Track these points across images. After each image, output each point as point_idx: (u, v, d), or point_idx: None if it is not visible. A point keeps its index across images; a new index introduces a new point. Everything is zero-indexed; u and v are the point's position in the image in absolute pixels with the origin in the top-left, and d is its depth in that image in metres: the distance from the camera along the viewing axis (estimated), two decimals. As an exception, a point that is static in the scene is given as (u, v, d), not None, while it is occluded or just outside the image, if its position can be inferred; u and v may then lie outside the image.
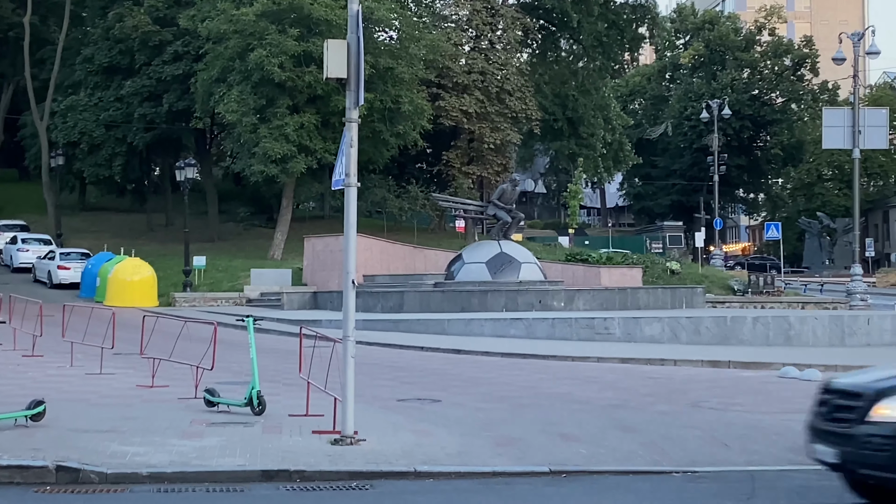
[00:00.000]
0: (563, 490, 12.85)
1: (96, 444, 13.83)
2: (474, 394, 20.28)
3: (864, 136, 41.17)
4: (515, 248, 39.31)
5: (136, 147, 59.70)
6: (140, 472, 12.67)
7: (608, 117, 69.64)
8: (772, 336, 31.54)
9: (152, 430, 15.15)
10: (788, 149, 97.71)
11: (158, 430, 15.16)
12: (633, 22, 68.12)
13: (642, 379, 23.43)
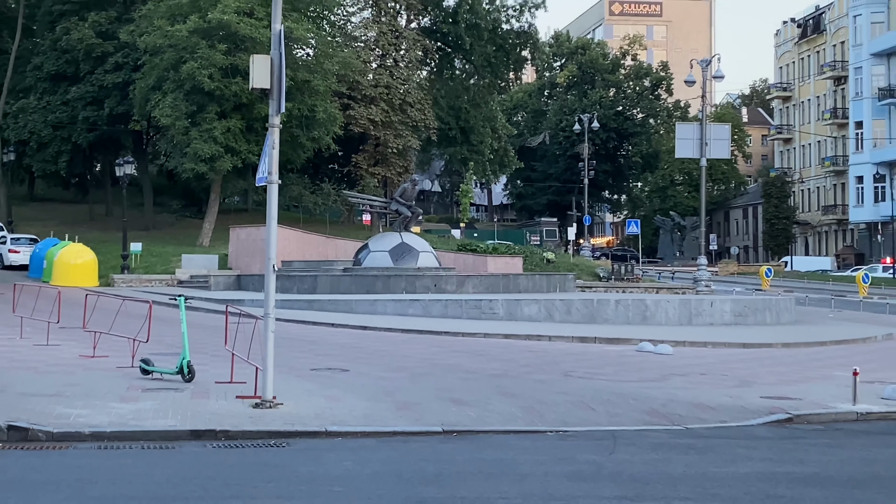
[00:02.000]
0: (453, 446, 12.96)
1: (43, 407, 13.74)
2: (378, 364, 20.33)
3: (710, 148, 41.92)
4: (414, 239, 39.44)
5: (79, 145, 59.35)
6: (82, 431, 12.66)
7: (495, 127, 70.08)
8: (631, 316, 32.00)
9: (93, 394, 15.06)
10: (647, 157, 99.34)
11: (99, 394, 15.08)
12: (517, 46, 68.58)
13: (522, 352, 23.64)
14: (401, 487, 10.68)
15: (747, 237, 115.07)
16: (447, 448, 12.86)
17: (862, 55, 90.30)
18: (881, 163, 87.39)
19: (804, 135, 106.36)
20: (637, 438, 13.77)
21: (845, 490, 11.08)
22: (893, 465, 12.74)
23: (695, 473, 11.84)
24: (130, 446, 12.31)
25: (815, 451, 13.51)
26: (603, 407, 16.03)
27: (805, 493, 10.91)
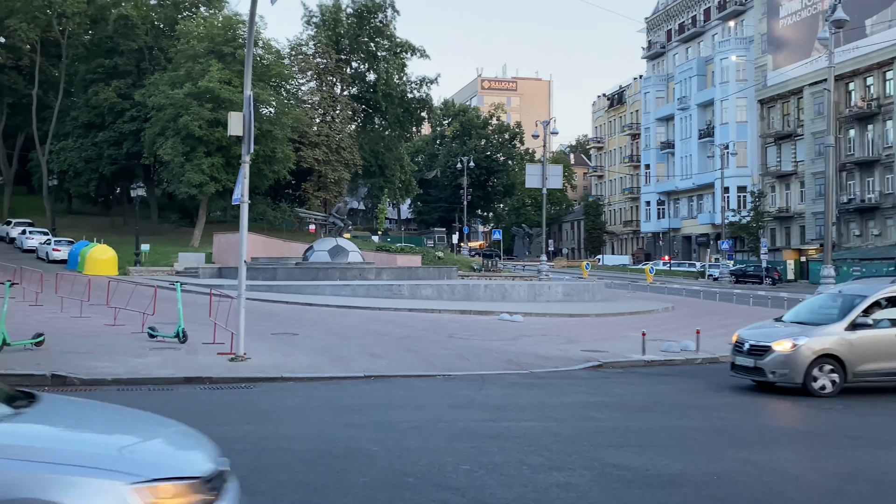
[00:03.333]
0: (372, 387, 13.06)
1: (78, 361, 13.46)
2: (319, 330, 20.26)
3: (549, 181, 42.47)
4: (346, 243, 39.26)
5: (104, 175, 58.11)
6: (106, 378, 12.50)
7: (402, 165, 70.25)
8: (495, 295, 32.35)
9: (114, 352, 14.78)
10: (507, 187, 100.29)
11: (118, 352, 14.80)
12: (418, 109, 68.97)
13: (420, 321, 23.75)
14: (335, 414, 10.73)
15: (573, 242, 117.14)
16: (367, 388, 12.97)
17: (649, 120, 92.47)
18: (661, 192, 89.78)
19: (611, 173, 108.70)
20: (498, 379, 13.97)
21: (636, 412, 11.41)
22: (668, 395, 13.13)
23: (536, 403, 12.07)
24: (140, 388, 12.17)
25: (617, 386, 13.85)
26: (475, 358, 16.23)
27: (610, 414, 11.20)
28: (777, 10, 73.03)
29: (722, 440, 9.67)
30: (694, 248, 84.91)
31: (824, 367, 12.70)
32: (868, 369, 12.80)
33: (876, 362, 12.79)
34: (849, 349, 12.71)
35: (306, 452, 8.37)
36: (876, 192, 62.67)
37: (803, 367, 12.63)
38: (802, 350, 12.70)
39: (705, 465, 8.21)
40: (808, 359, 12.64)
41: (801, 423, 11.05)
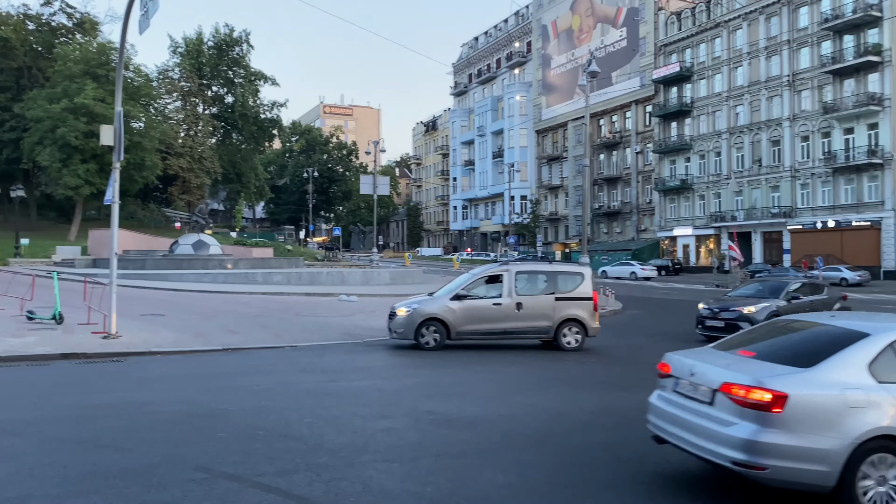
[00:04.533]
0: (229, 358, 12.46)
1: (-43, 343, 11.93)
2: (184, 311, 19.14)
3: (379, 189, 42.42)
4: (208, 238, 37.27)
5: (-13, 178, 52.17)
6: (-14, 357, 11.14)
7: (257, 173, 67.71)
8: (335, 280, 31.91)
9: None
10: (345, 193, 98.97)
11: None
12: (269, 127, 66.74)
13: (272, 302, 23.04)
14: (197, 381, 10.17)
15: (399, 237, 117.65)
16: (226, 359, 12.36)
17: (456, 143, 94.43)
18: (465, 199, 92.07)
19: (427, 183, 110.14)
20: (336, 348, 13.78)
21: (444, 368, 11.54)
22: (467, 354, 13.38)
23: (367, 366, 12.01)
24: (19, 365, 11.01)
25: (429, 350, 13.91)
26: (318, 331, 15.93)
27: (422, 371, 11.31)
28: (549, 62, 76.69)
29: (508, 388, 10.03)
30: (489, 242, 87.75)
31: (430, 328, 13.46)
32: (466, 330, 13.55)
33: (471, 324, 13.56)
34: (452, 314, 13.48)
35: (171, 414, 7.90)
36: (618, 200, 67.49)
37: (414, 327, 13.40)
38: (413, 315, 13.48)
39: (496, 408, 8.49)
40: (417, 321, 13.41)
41: (565, 374, 11.59)
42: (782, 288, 15.98)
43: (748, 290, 16.89)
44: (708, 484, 5.81)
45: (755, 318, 14.52)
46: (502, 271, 13.98)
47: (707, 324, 15.58)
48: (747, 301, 15.56)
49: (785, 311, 14.59)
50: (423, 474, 5.85)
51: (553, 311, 13.79)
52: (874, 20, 44.58)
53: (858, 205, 46.00)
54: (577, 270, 14.59)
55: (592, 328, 14.09)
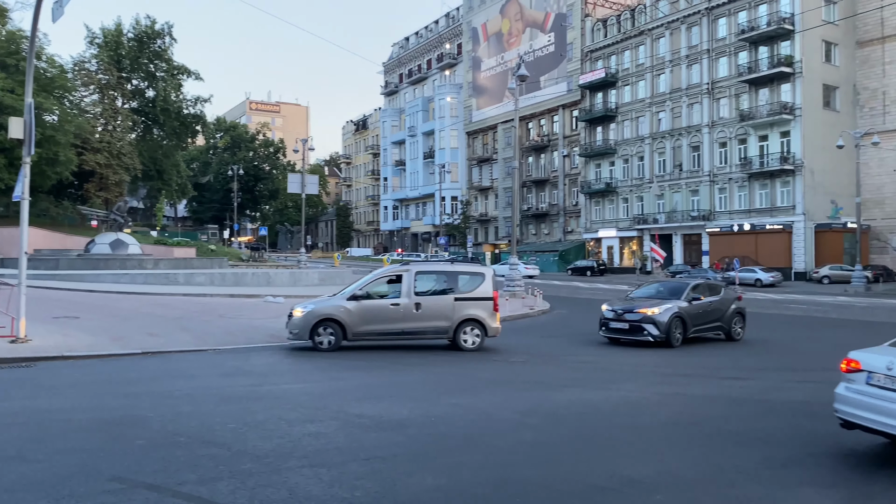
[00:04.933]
0: (149, 362, 11.96)
1: None
2: (100, 313, 18.29)
3: (307, 188, 41.80)
4: (126, 237, 35.83)
5: None
6: None
7: (179, 170, 65.41)
8: (261, 281, 31.23)
9: None
10: (272, 192, 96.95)
11: None
12: (193, 123, 64.54)
13: (195, 304, 22.31)
14: (113, 386, 9.72)
15: (328, 237, 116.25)
16: (145, 363, 11.86)
17: (387, 143, 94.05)
18: (396, 199, 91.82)
19: (358, 183, 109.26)
20: (262, 351, 13.47)
21: (375, 371, 11.46)
22: (396, 356, 13.29)
23: (294, 369, 11.78)
24: (-85, 372, 10.23)
25: (356, 352, 13.76)
26: (243, 334, 15.52)
27: (354, 374, 11.15)
28: (479, 64, 77.35)
29: (438, 389, 10.00)
30: (420, 243, 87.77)
31: (326, 329, 13.32)
32: (363, 330, 13.45)
33: (368, 325, 13.45)
34: (347, 315, 13.37)
35: (85, 422, 7.50)
36: (546, 202, 68.66)
37: (308, 328, 13.24)
38: (308, 316, 13.33)
39: (426, 410, 8.45)
40: (312, 322, 13.26)
41: (494, 374, 11.65)
42: (683, 289, 15.86)
43: (649, 291, 16.69)
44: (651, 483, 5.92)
45: (659, 319, 14.65)
46: (402, 272, 13.94)
47: (611, 326, 15.38)
48: (650, 302, 15.38)
49: (686, 311, 15.07)
50: (352, 479, 5.75)
51: (452, 312, 13.77)
52: (787, 33, 46.91)
53: (772, 209, 48.29)
54: (478, 271, 14.62)
55: (492, 328, 14.06)
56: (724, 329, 16.19)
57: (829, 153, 44.90)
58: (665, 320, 14.62)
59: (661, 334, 14.58)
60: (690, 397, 9.69)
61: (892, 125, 46.87)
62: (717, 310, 16.00)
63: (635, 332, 14.85)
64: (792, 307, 27.50)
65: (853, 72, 48.83)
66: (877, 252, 46.51)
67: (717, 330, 16.11)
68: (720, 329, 16.14)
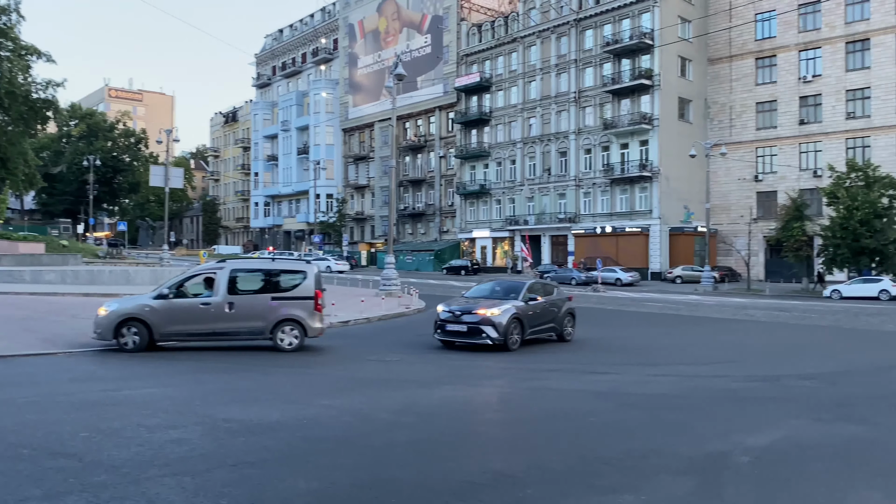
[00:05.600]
0: (-14, 367, 10.86)
1: None
2: (-72, 314, 16.45)
3: (171, 181, 39.75)
4: (-38, 230, 32.67)
5: None
6: None
7: (26, 159, 59.79)
8: (119, 279, 29.22)
9: None
10: (132, 185, 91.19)
11: None
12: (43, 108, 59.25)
13: (43, 304, 20.58)
14: (-57, 396, 8.72)
15: (193, 234, 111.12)
16: (-18, 367, 10.74)
17: (258, 136, 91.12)
18: (268, 195, 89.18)
19: (226, 177, 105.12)
20: (120, 354, 12.58)
21: (243, 372, 11.03)
22: (257, 356, 12.91)
23: (155, 372, 11.10)
24: None
25: (226, 352, 13.21)
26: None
27: (220, 376, 10.68)
28: (356, 61, 76.73)
29: (311, 391, 9.78)
30: (293, 241, 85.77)
31: (130, 329, 12.74)
32: (171, 331, 12.94)
33: (177, 325, 12.93)
34: (152, 314, 12.79)
35: None
36: (422, 202, 69.25)
37: (111, 327, 12.70)
38: (111, 315, 12.78)
39: (297, 412, 8.22)
40: (115, 321, 12.69)
41: (368, 374, 11.56)
42: (520, 288, 15.13)
43: (484, 291, 15.75)
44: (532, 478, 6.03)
45: (498, 321, 13.90)
46: (217, 269, 13.45)
47: (448, 328, 14.36)
48: (488, 303, 14.53)
49: (523, 312, 14.44)
50: (218, 486, 5.47)
51: (269, 312, 13.23)
52: (647, 47, 49.97)
53: (631, 213, 51.29)
54: (300, 269, 13.91)
55: (313, 329, 13.48)
56: (557, 330, 15.76)
57: (682, 162, 48.31)
58: (504, 322, 13.93)
59: (500, 336, 13.86)
60: (559, 392, 10.05)
61: (737, 137, 51.16)
62: (551, 310, 15.58)
63: (473, 334, 14.02)
64: (648, 304, 29.32)
65: (705, 87, 52.81)
66: (723, 254, 50.58)
67: (551, 331, 15.64)
68: (553, 330, 15.68)
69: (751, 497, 5.53)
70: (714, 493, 5.59)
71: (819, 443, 7.29)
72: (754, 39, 50.75)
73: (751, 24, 50.60)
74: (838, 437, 7.55)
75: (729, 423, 8.09)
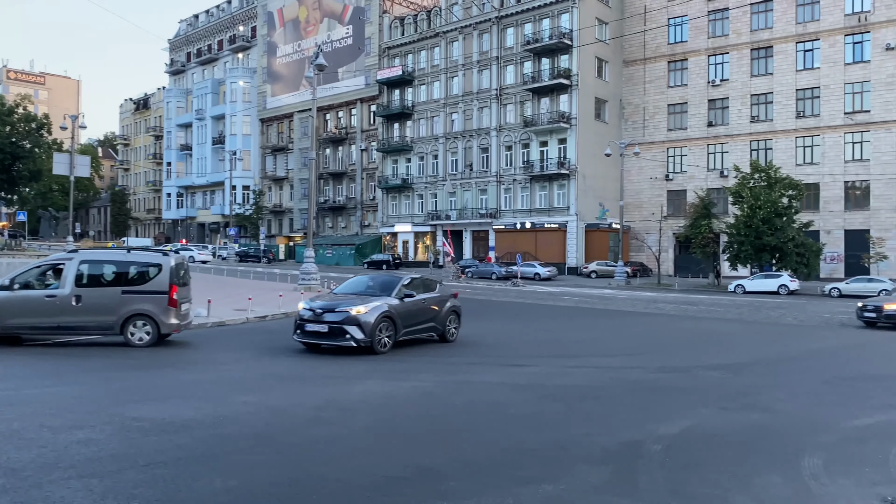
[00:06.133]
0: None
1: None
2: None
3: (77, 170, 37.75)
4: None
5: None
6: None
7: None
8: (18, 273, 27.50)
9: None
10: (33, 173, 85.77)
11: None
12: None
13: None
14: None
15: (100, 225, 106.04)
16: None
17: (171, 125, 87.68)
18: (181, 186, 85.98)
19: (137, 167, 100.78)
20: (23, 352, 11.85)
21: (157, 370, 10.61)
22: (186, 354, 12.46)
23: (56, 370, 10.53)
24: None
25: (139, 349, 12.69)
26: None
27: (132, 374, 10.26)
28: (275, 50, 75.02)
29: (227, 387, 9.52)
30: (207, 233, 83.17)
31: None
32: (13, 324, 12.51)
33: (18, 318, 12.46)
34: None
35: None
36: (343, 195, 68.49)
37: None
38: None
39: (213, 410, 7.98)
40: None
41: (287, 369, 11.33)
42: (395, 284, 13.72)
43: (357, 286, 14.22)
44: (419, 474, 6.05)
45: (365, 319, 12.41)
46: (66, 260, 12.99)
47: (308, 328, 12.72)
48: (357, 300, 12.98)
49: (397, 311, 13.04)
50: (129, 487, 5.24)
51: (118, 306, 12.71)
52: (566, 47, 51.07)
53: (550, 209, 52.39)
54: (155, 262, 13.19)
55: (166, 324, 12.93)
56: (439, 330, 14.44)
57: (598, 160, 49.68)
58: (372, 321, 12.42)
59: (367, 338, 12.38)
60: (480, 385, 10.16)
61: (650, 138, 53.03)
62: (431, 308, 14.21)
63: (335, 335, 12.45)
64: (566, 299, 30.05)
65: (620, 88, 54.45)
66: (636, 250, 52.39)
67: (431, 331, 14.32)
68: (434, 330, 14.34)
69: (663, 483, 5.75)
70: (629, 481, 5.78)
71: (725, 430, 7.66)
72: (667, 43, 52.70)
73: (664, 28, 52.51)
74: (743, 425, 7.96)
75: (642, 412, 8.39)
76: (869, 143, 44.88)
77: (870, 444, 7.21)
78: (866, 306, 21.08)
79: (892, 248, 43.10)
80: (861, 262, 42.82)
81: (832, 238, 45.16)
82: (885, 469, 6.36)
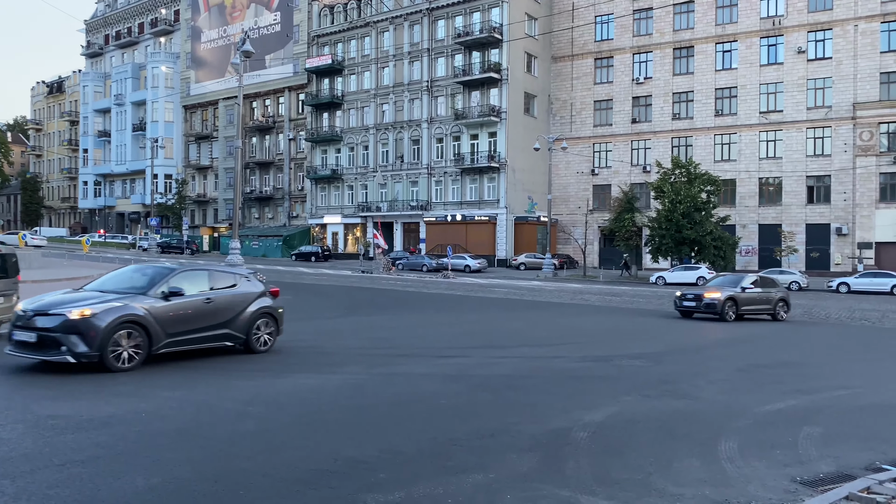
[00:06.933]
0: None
1: None
2: None
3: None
4: None
5: None
6: None
7: None
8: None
9: None
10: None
11: None
12: None
13: None
14: None
15: (10, 214, 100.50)
16: None
17: (88, 110, 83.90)
18: (98, 174, 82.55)
19: (51, 153, 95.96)
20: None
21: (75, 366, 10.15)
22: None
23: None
24: None
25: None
26: None
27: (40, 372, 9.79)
28: (199, 35, 72.73)
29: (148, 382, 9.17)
30: (127, 224, 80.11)
31: None
32: None
33: None
34: None
35: None
36: (270, 186, 67.12)
37: None
38: None
39: (133, 405, 7.70)
40: None
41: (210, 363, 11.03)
42: (162, 276, 10.51)
43: (119, 281, 10.76)
44: (358, 461, 6.02)
45: (92, 325, 9.19)
46: None
47: (15, 337, 9.54)
48: (92, 298, 9.71)
49: (156, 314, 9.87)
50: (43, 488, 5.01)
51: None
52: (496, 42, 51.50)
53: (480, 202, 52.84)
54: None
55: None
56: (236, 338, 11.27)
57: (527, 154, 50.40)
58: (103, 327, 9.20)
59: (94, 351, 9.18)
60: (410, 376, 10.17)
61: (577, 133, 54.13)
62: (221, 309, 10.98)
63: (46, 347, 9.20)
64: (496, 290, 30.42)
65: (549, 83, 55.33)
66: (563, 243, 53.47)
67: (225, 339, 11.14)
68: (228, 338, 11.15)
69: (588, 469, 5.91)
70: (556, 468, 5.91)
71: (647, 417, 7.93)
72: (594, 40, 53.85)
73: (591, 26, 53.64)
74: (663, 411, 8.25)
75: (568, 401, 8.58)
76: (781, 141, 47.17)
77: (780, 428, 7.61)
78: (685, 295, 20.78)
79: (802, 241, 45.53)
80: (773, 255, 45.03)
81: (747, 232, 47.31)
82: (794, 451, 6.73)
